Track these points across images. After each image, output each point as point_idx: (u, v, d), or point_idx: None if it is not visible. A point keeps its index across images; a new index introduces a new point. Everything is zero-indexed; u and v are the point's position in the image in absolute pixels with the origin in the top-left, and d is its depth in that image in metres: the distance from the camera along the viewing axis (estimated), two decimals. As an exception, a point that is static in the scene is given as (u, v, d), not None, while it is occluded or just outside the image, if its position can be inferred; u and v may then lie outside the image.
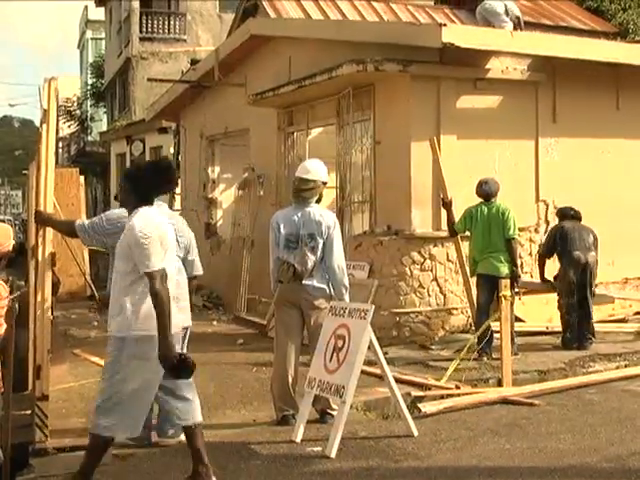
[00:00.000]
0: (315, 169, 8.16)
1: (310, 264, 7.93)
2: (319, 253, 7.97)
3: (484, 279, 10.80)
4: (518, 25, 15.79)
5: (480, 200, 11.04)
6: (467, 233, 11.19)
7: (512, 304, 10.09)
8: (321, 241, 7.97)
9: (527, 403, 8.64)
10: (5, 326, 6.38)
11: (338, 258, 8.04)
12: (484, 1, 15.93)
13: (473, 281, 11.26)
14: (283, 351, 8.02)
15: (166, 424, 7.28)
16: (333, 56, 12.70)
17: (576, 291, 11.20)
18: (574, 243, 11.23)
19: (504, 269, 10.71)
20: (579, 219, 11.60)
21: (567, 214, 11.64)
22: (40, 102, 7.65)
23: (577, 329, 11.23)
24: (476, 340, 10.22)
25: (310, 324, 8.03)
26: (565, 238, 11.28)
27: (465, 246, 11.43)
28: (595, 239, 11.43)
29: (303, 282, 7.95)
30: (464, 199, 11.93)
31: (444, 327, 11.97)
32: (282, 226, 8.03)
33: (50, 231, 7.40)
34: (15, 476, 6.47)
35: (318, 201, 8.19)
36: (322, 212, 8.16)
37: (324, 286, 8.01)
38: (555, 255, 11.57)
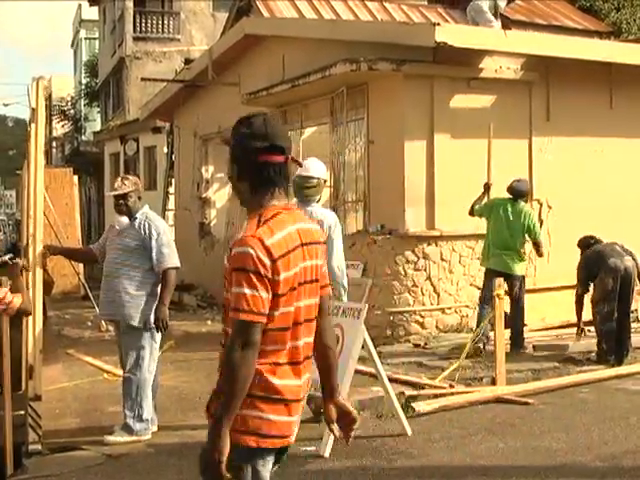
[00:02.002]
0: (316, 167, 8.16)
1: None
2: None
3: (494, 274, 10.60)
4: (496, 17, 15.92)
5: (510, 197, 11.16)
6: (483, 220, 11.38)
7: (519, 302, 10.79)
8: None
9: (521, 402, 8.64)
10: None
11: (338, 258, 7.99)
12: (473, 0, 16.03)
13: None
14: None
15: None
16: (327, 55, 12.70)
17: (615, 299, 10.47)
18: (606, 254, 10.57)
19: (516, 267, 10.92)
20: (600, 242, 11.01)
21: (588, 243, 10.98)
22: (29, 101, 7.65)
23: (615, 340, 10.50)
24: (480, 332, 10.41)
25: None
26: (599, 255, 10.62)
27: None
28: (627, 251, 10.72)
29: None
30: (458, 198, 11.95)
31: (438, 326, 11.98)
32: None
33: (41, 231, 7.38)
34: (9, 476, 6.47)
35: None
36: (324, 211, 8.16)
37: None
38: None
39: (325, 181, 8.30)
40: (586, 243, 10.97)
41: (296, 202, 8.22)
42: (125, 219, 7.70)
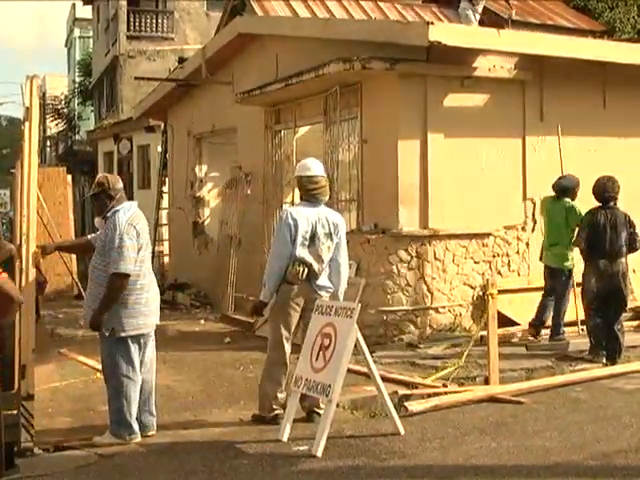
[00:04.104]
0: (320, 166, 8.33)
1: (325, 263, 7.99)
2: (332, 252, 8.03)
3: (546, 268, 11.55)
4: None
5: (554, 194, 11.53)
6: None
7: (561, 297, 11.31)
8: (336, 241, 8.04)
9: (514, 401, 8.65)
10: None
11: (346, 258, 8.27)
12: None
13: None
14: (283, 352, 7.96)
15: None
16: (320, 54, 12.68)
17: (598, 297, 10.47)
18: (603, 246, 10.43)
19: (559, 262, 11.28)
20: (613, 199, 10.71)
21: (605, 198, 10.70)
22: (22, 100, 7.64)
23: (608, 339, 10.44)
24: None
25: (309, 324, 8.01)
26: (596, 236, 10.49)
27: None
28: (632, 237, 10.50)
29: (317, 282, 7.96)
30: (452, 197, 11.97)
31: (431, 325, 11.97)
32: (300, 224, 7.94)
33: (34, 230, 7.35)
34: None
35: None
36: (333, 212, 8.37)
37: (330, 285, 8.07)
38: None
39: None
40: (605, 200, 10.71)
41: (305, 201, 8.20)
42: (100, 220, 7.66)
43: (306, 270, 7.90)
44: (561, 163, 12.15)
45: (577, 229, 10.90)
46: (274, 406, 7.91)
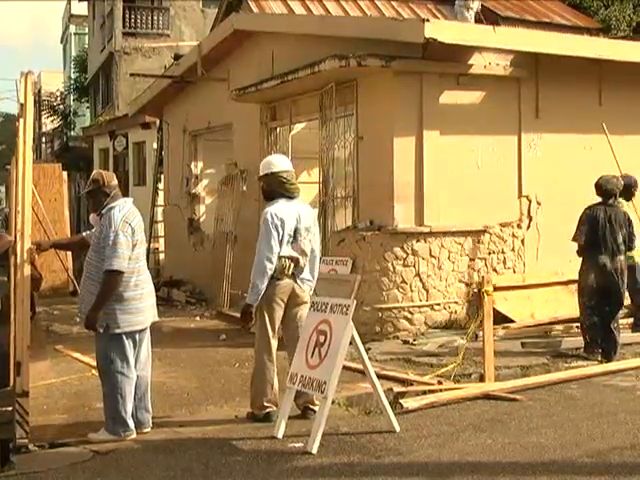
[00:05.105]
0: (288, 161, 8.34)
1: (308, 256, 8.03)
2: (311, 244, 8.08)
3: None
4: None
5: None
6: None
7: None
8: (314, 233, 8.08)
9: (509, 398, 8.65)
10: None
11: (319, 247, 8.33)
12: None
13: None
14: (271, 349, 7.97)
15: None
16: (316, 51, 12.68)
17: (596, 295, 10.47)
18: (602, 242, 10.42)
19: None
20: (614, 196, 10.72)
21: (607, 190, 10.69)
22: (17, 96, 7.64)
23: (603, 337, 10.46)
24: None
25: (295, 318, 8.01)
26: (595, 232, 10.47)
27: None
28: (629, 235, 10.51)
29: (300, 276, 7.99)
30: (447, 195, 11.97)
31: (426, 323, 11.98)
32: (286, 223, 7.93)
33: (29, 226, 7.33)
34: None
35: None
36: (306, 205, 8.41)
37: (311, 278, 8.11)
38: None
39: None
40: (607, 193, 10.68)
41: (282, 197, 8.19)
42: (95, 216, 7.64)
43: (292, 264, 7.93)
44: (616, 161, 12.01)
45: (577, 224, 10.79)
46: (265, 404, 7.91)
